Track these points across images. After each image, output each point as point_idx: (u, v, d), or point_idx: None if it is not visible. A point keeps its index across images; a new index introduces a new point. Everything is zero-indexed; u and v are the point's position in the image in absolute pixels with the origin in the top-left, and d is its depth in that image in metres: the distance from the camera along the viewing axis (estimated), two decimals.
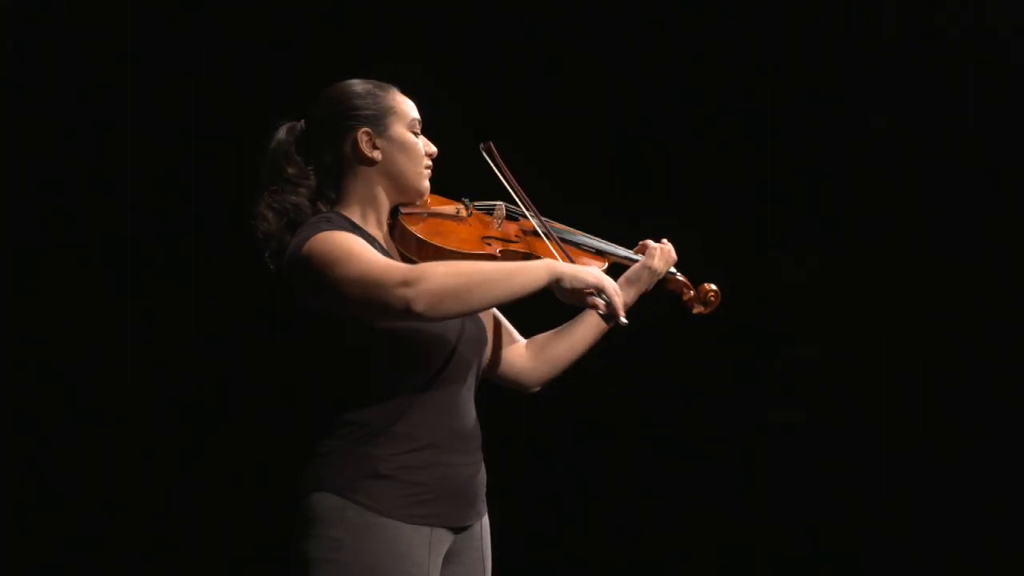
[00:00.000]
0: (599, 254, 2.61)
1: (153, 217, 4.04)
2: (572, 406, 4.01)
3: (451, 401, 2.36)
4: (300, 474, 2.33)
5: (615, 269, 2.62)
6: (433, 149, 2.46)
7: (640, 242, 2.67)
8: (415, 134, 2.43)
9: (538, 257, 2.45)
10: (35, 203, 3.98)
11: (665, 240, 2.67)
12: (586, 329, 2.60)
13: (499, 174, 2.52)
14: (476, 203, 2.53)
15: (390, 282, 2.17)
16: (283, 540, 2.35)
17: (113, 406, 4.03)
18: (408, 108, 2.44)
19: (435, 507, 2.31)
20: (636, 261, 2.63)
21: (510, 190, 2.53)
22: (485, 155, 2.52)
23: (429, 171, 2.45)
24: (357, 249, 2.25)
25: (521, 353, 2.61)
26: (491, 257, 2.41)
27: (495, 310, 2.60)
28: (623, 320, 2.29)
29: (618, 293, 2.28)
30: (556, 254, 2.47)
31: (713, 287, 2.70)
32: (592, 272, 2.28)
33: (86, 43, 3.95)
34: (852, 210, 4.19)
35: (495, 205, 2.54)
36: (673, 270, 2.69)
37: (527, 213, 2.53)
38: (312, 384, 2.36)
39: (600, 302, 2.27)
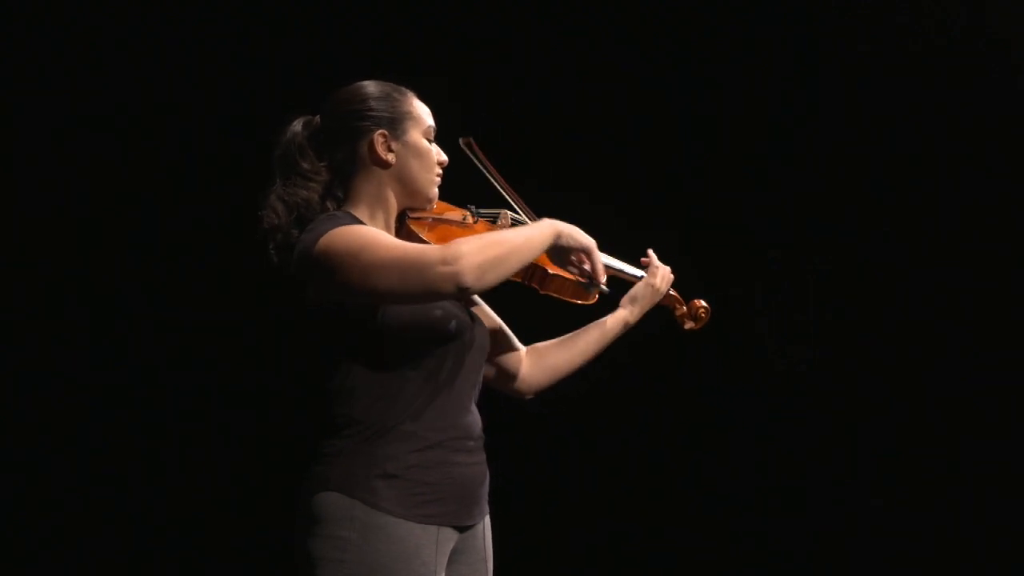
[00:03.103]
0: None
1: (156, 211, 4.03)
2: (571, 406, 4.00)
3: (457, 402, 2.38)
4: (306, 473, 2.34)
5: (620, 285, 2.65)
6: (444, 158, 2.48)
7: (644, 259, 2.69)
8: (429, 141, 2.46)
9: (540, 266, 2.50)
10: (41, 198, 3.97)
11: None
12: (587, 341, 2.64)
13: (484, 170, 2.56)
14: (481, 210, 2.56)
15: (430, 262, 2.20)
16: (288, 540, 2.35)
17: (116, 405, 4.02)
18: (424, 114, 2.46)
19: (442, 506, 2.33)
20: (639, 278, 2.68)
21: (496, 185, 2.56)
22: (467, 150, 2.56)
23: (439, 179, 2.48)
24: (375, 236, 2.27)
25: (520, 360, 2.63)
26: None
27: (497, 317, 2.63)
28: (603, 287, 2.46)
29: (600, 262, 2.42)
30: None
31: (703, 303, 2.76)
32: (584, 235, 2.41)
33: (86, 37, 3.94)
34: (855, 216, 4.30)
35: (499, 213, 2.57)
36: None
37: (521, 214, 2.57)
38: (318, 383, 2.36)
39: (584, 266, 2.42)
